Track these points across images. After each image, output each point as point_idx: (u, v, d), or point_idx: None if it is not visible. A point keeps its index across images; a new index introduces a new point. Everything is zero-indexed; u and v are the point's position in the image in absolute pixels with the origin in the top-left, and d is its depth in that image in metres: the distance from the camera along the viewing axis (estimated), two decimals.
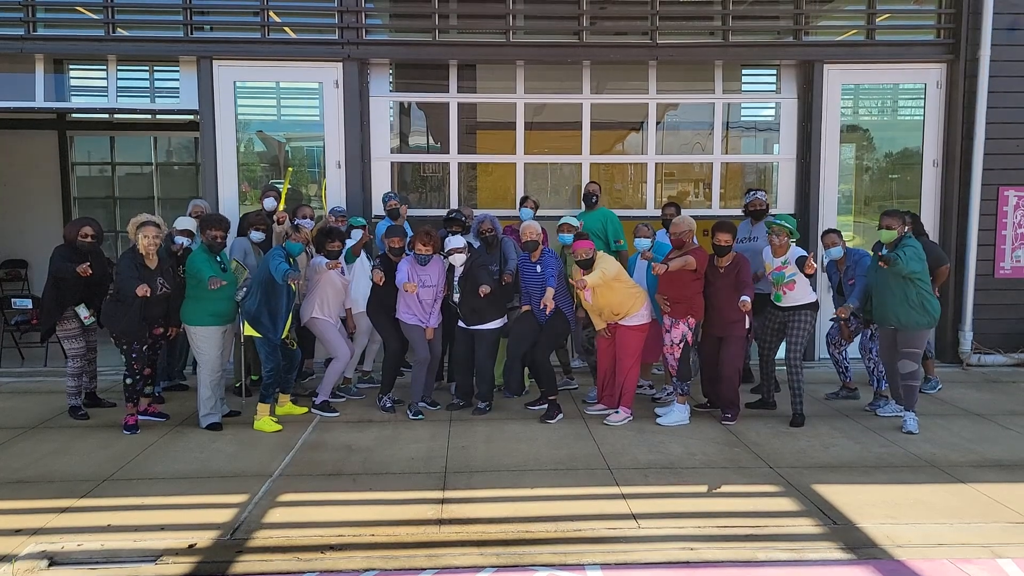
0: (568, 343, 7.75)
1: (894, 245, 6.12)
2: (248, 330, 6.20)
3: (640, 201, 9.07)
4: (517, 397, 7.17)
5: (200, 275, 5.98)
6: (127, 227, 6.33)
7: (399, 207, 7.54)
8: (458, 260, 6.56)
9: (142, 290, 5.73)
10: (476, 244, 7.08)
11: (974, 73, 8.36)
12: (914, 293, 6.09)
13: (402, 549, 4.18)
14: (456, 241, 6.60)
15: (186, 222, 6.75)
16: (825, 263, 7.04)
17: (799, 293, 6.39)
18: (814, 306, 6.44)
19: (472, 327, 6.62)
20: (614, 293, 6.31)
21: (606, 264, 6.27)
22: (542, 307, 6.33)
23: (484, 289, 6.34)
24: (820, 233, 7.24)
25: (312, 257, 6.80)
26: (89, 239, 6.40)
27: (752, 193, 7.45)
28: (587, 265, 6.28)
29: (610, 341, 6.56)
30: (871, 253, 6.83)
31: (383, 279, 6.47)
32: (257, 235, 6.83)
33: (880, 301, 6.28)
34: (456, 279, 6.61)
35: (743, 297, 6.07)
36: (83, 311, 6.42)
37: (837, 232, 6.92)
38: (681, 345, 6.37)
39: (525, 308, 6.67)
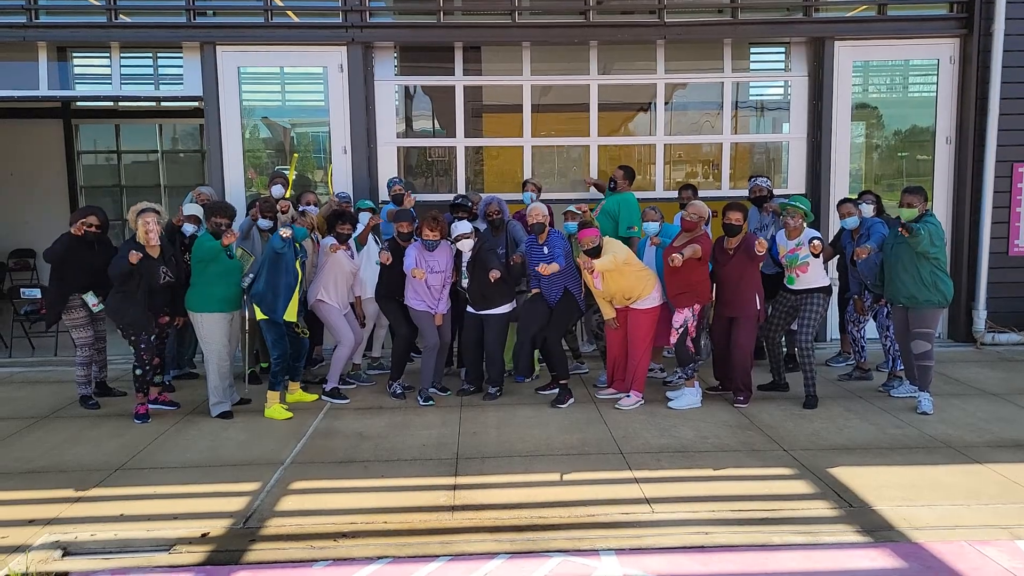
0: (578, 328, 7.70)
1: (915, 221, 6.05)
2: (258, 313, 6.17)
3: (649, 183, 8.99)
4: (527, 380, 7.17)
5: (212, 255, 5.96)
6: (127, 215, 6.32)
7: (403, 193, 7.48)
8: (466, 246, 6.52)
9: (135, 256, 5.72)
10: (483, 228, 7.03)
11: (988, 48, 8.22)
12: (927, 271, 6.03)
13: (415, 536, 4.17)
14: (463, 227, 6.55)
15: (193, 208, 6.73)
16: (841, 234, 6.99)
17: (812, 276, 6.32)
18: (827, 290, 6.38)
19: (481, 312, 6.58)
20: (625, 278, 6.25)
21: (615, 248, 6.21)
22: (543, 272, 6.16)
23: (495, 273, 6.29)
24: (835, 204, 7.15)
25: (319, 243, 6.79)
26: (95, 229, 6.38)
27: (753, 179, 7.37)
28: (595, 253, 6.20)
29: (620, 325, 6.52)
30: (884, 222, 6.79)
31: (390, 259, 6.43)
32: (265, 223, 6.78)
33: (891, 278, 6.22)
34: (464, 264, 6.57)
35: (758, 238, 6.02)
36: (91, 298, 6.38)
37: (853, 201, 6.86)
38: (680, 331, 6.31)
39: (535, 291, 6.62)
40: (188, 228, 6.60)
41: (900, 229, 5.89)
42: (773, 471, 5.02)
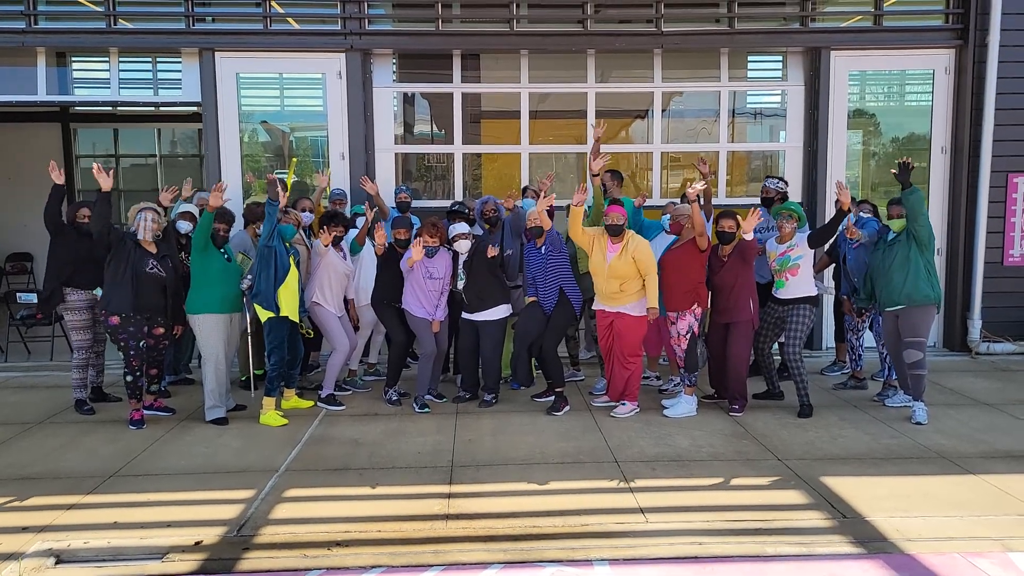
0: (579, 335, 7.70)
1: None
2: (261, 313, 6.17)
3: (646, 189, 9.02)
4: (526, 388, 7.17)
5: (205, 239, 6.01)
6: (128, 213, 6.40)
7: (408, 200, 7.55)
8: (463, 247, 6.54)
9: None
10: (480, 233, 7.05)
11: (983, 59, 8.27)
12: (923, 264, 6.08)
13: (408, 545, 4.17)
14: (461, 227, 6.58)
15: (187, 205, 6.80)
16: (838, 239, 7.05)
17: (802, 281, 6.33)
18: (814, 300, 6.39)
19: (477, 317, 6.58)
20: (630, 268, 6.21)
21: (645, 245, 6.24)
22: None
23: (493, 250, 6.34)
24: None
25: (311, 246, 6.79)
26: (88, 220, 6.46)
27: (767, 180, 7.38)
28: (617, 232, 6.21)
29: (611, 335, 6.46)
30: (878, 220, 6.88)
31: (385, 247, 6.50)
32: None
33: (885, 282, 6.22)
34: (461, 265, 6.58)
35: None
36: (100, 292, 6.44)
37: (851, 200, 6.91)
38: (687, 336, 6.34)
39: (531, 300, 6.63)
40: (183, 226, 6.64)
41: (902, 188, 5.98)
42: (767, 480, 5.03)
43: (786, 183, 7.35)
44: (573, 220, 6.28)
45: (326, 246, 6.48)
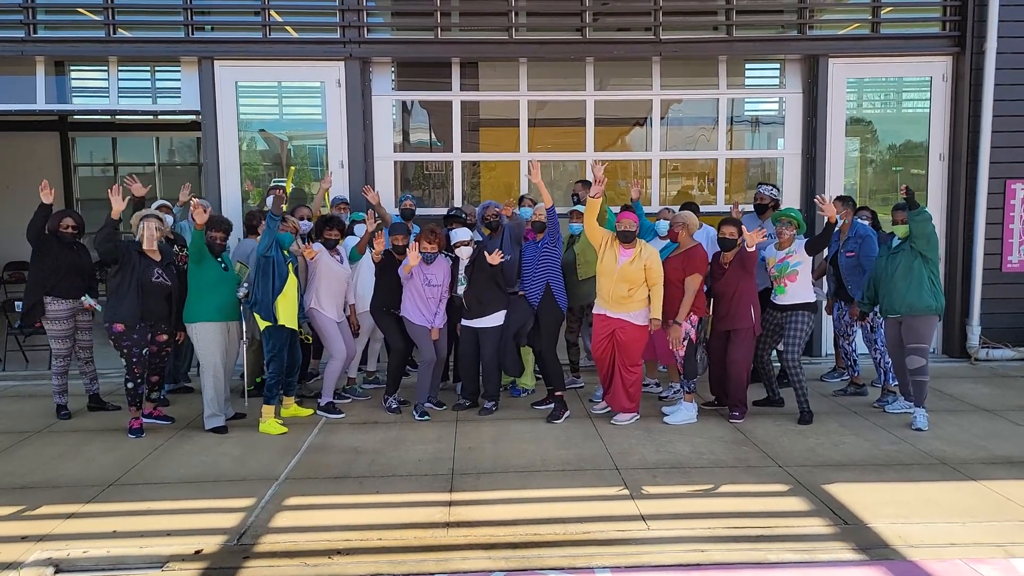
0: (580, 341, 7.69)
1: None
2: (260, 322, 6.16)
3: (645, 197, 9.01)
4: (524, 394, 7.17)
5: (199, 241, 5.97)
6: (130, 220, 6.45)
7: (413, 208, 7.56)
8: (464, 253, 6.53)
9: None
10: (480, 238, 7.06)
11: (980, 66, 8.30)
12: (926, 275, 6.09)
13: (410, 553, 4.15)
14: (462, 233, 6.57)
15: (160, 201, 6.96)
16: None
17: (800, 288, 6.34)
18: (812, 307, 6.40)
19: (477, 324, 6.57)
20: (640, 275, 6.21)
21: (654, 254, 6.25)
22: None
23: (495, 257, 6.32)
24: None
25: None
26: (71, 230, 6.50)
27: (759, 186, 7.40)
28: (629, 238, 6.21)
29: (608, 342, 6.46)
30: (876, 232, 6.90)
31: (380, 254, 6.49)
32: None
33: (888, 289, 6.23)
34: (462, 270, 6.57)
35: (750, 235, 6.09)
36: (88, 299, 6.50)
37: (844, 199, 6.92)
38: (685, 343, 6.34)
39: (520, 293, 6.63)
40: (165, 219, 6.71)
41: (903, 199, 6.05)
42: (769, 488, 5.02)
43: (779, 189, 7.38)
44: (589, 212, 6.26)
45: (311, 259, 6.45)
